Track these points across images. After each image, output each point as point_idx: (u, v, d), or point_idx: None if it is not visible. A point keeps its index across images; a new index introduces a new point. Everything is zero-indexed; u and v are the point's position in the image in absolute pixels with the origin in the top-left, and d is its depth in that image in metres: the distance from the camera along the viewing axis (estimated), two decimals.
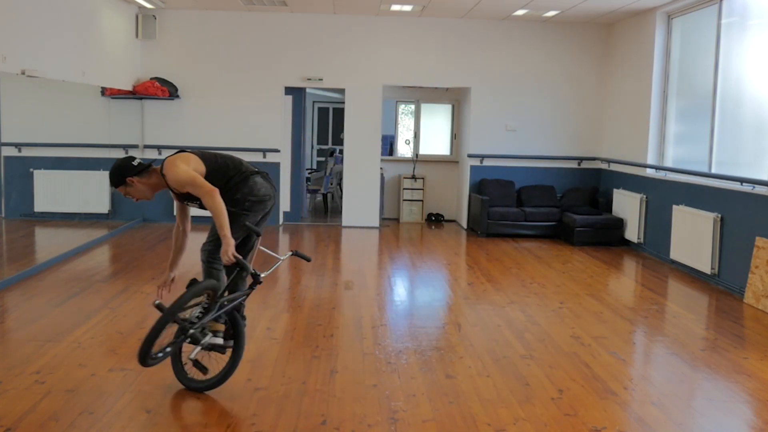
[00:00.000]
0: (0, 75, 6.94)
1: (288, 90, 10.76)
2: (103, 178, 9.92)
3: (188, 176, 3.85)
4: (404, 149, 12.27)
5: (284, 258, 4.27)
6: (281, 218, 10.83)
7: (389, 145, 12.35)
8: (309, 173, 13.37)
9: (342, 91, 11.28)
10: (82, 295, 6.26)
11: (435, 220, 11.79)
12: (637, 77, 9.59)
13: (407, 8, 9.83)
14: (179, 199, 4.10)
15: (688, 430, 3.86)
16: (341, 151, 11.71)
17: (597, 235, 9.67)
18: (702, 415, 4.07)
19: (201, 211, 4.10)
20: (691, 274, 7.81)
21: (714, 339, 5.50)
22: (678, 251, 8.12)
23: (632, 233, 9.42)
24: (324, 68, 10.59)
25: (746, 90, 7.50)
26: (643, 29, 9.45)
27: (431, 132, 12.03)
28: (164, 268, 4.85)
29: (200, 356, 4.10)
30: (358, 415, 3.84)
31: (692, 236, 7.77)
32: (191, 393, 4.10)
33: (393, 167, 11.89)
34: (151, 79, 10.15)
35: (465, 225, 11.00)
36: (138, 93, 10.04)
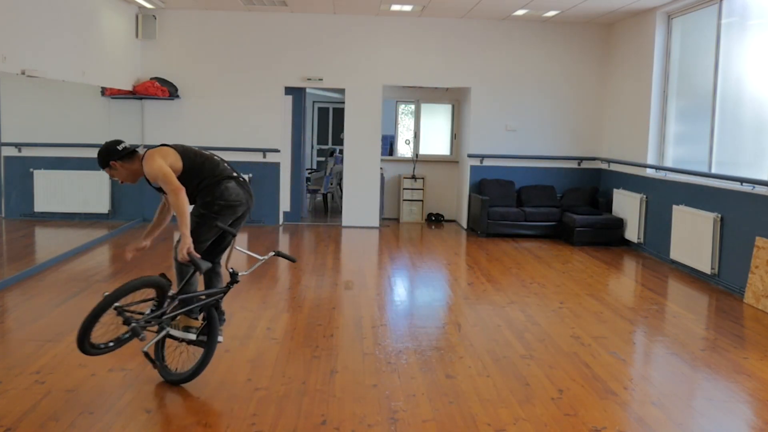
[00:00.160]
0: (0, 75, 6.94)
1: (288, 90, 10.76)
2: (103, 178, 9.93)
3: (160, 171, 3.98)
4: (404, 149, 12.27)
5: (264, 258, 4.28)
6: (281, 218, 10.83)
7: (389, 145, 12.35)
8: (309, 173, 13.37)
9: (342, 91, 11.28)
10: (82, 295, 6.25)
11: (435, 220, 11.79)
12: (637, 77, 9.59)
13: (407, 8, 9.83)
14: (154, 188, 4.21)
15: (688, 430, 3.86)
16: (341, 151, 11.71)
17: (597, 235, 9.67)
18: (702, 415, 4.07)
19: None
20: (691, 274, 7.81)
21: (714, 339, 5.50)
22: (678, 251, 8.12)
23: (632, 233, 9.42)
24: (324, 68, 10.59)
25: (746, 90, 7.50)
26: (643, 29, 9.45)
27: (431, 132, 12.03)
28: (165, 267, 4.87)
29: (180, 351, 4.28)
30: (358, 415, 3.84)
31: (692, 236, 7.77)
32: (191, 393, 4.10)
33: (393, 167, 11.89)
34: (151, 79, 10.15)
35: (465, 225, 11.00)
36: (138, 93, 10.04)
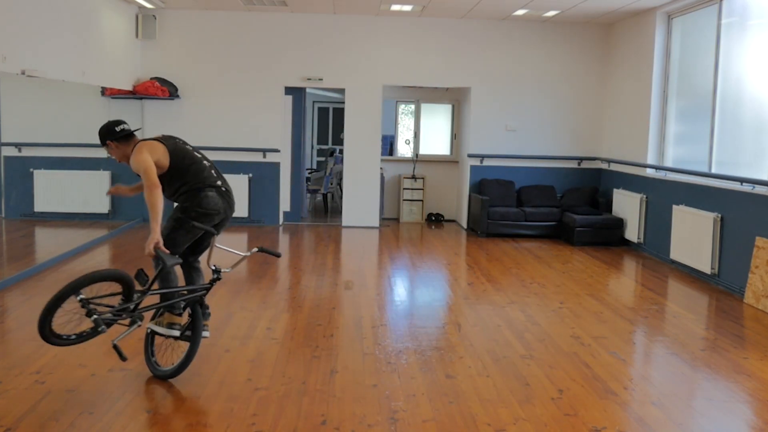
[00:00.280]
0: (0, 75, 6.94)
1: (288, 90, 10.76)
2: (103, 178, 9.93)
3: (143, 166, 4.07)
4: (404, 149, 12.27)
5: (247, 255, 4.30)
6: (281, 218, 10.83)
7: (389, 145, 12.35)
8: (309, 173, 13.37)
9: (342, 91, 11.28)
10: None
11: (435, 220, 11.79)
12: (637, 77, 9.59)
13: (407, 8, 9.83)
14: (136, 175, 4.27)
15: (688, 430, 3.86)
16: (341, 151, 11.71)
17: (597, 235, 9.67)
18: (702, 415, 4.07)
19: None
20: (691, 274, 7.81)
21: (714, 339, 5.50)
22: (678, 251, 8.12)
23: (632, 233, 9.42)
24: (324, 68, 10.59)
25: (746, 90, 7.50)
26: (643, 29, 9.45)
27: (431, 132, 12.03)
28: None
29: (165, 346, 4.41)
30: (358, 415, 3.84)
31: (692, 236, 7.77)
32: (191, 393, 4.10)
33: (393, 167, 11.89)
34: (151, 79, 10.15)
35: (465, 225, 11.00)
36: (138, 93, 10.04)
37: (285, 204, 10.99)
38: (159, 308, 4.29)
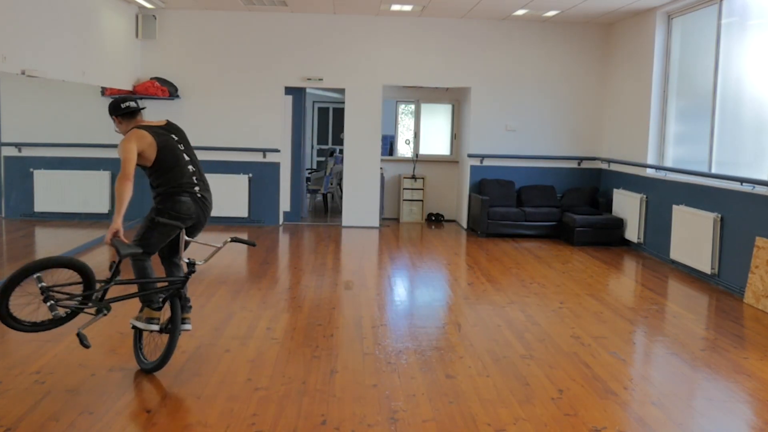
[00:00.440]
0: (0, 75, 6.94)
1: (288, 90, 10.76)
2: (103, 178, 9.93)
3: (124, 155, 4.16)
4: (404, 149, 12.27)
5: (220, 246, 4.35)
6: (281, 218, 10.83)
7: (389, 145, 12.35)
8: (309, 173, 13.37)
9: (342, 91, 11.28)
10: None
11: (435, 220, 11.79)
12: (637, 77, 9.59)
13: (407, 8, 9.83)
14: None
15: (688, 430, 3.86)
16: (341, 151, 11.71)
17: (597, 235, 9.67)
18: (702, 415, 4.07)
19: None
20: (691, 274, 7.81)
21: (714, 339, 5.50)
22: (678, 251, 8.12)
23: (632, 233, 9.42)
24: (324, 68, 10.59)
25: (746, 90, 7.49)
26: (643, 29, 9.45)
27: (431, 132, 12.02)
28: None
29: (152, 341, 4.47)
30: (358, 415, 3.84)
31: (692, 236, 7.77)
32: (191, 393, 4.10)
33: (393, 167, 11.89)
34: (151, 79, 10.15)
35: (465, 225, 11.00)
36: (138, 93, 10.03)
37: (285, 204, 10.99)
38: (141, 300, 4.39)
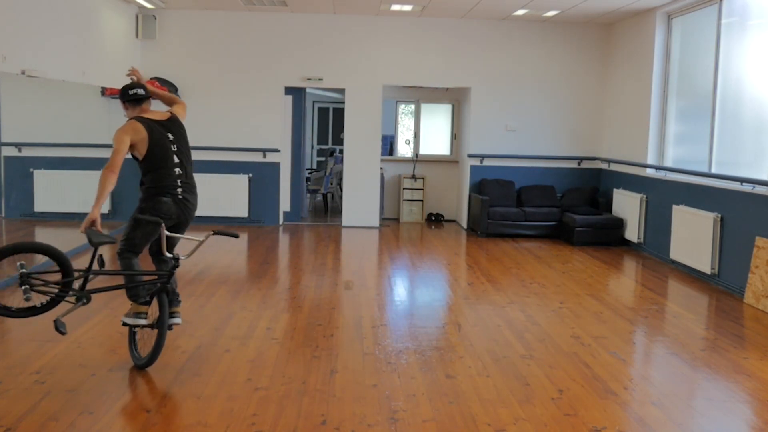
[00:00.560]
0: (0, 75, 6.94)
1: (288, 90, 10.76)
2: None
3: (115, 143, 4.28)
4: (404, 149, 12.27)
5: (203, 240, 4.39)
6: (281, 218, 10.83)
7: (389, 145, 12.35)
8: (309, 173, 13.37)
9: (342, 91, 11.29)
10: None
11: (435, 220, 11.79)
12: (637, 77, 9.59)
13: (407, 8, 9.83)
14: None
15: (688, 430, 3.86)
16: (341, 151, 11.71)
17: (597, 235, 9.67)
18: (702, 415, 4.07)
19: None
20: (691, 274, 7.81)
21: (714, 339, 5.50)
22: (678, 251, 8.12)
23: (632, 233, 9.42)
24: (324, 68, 10.59)
25: (746, 90, 7.49)
26: (643, 29, 9.45)
27: (431, 132, 12.02)
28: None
29: (146, 337, 4.52)
30: (358, 415, 3.84)
31: (692, 236, 7.77)
32: (191, 393, 4.10)
33: (393, 167, 11.89)
34: (151, 79, 10.14)
35: (465, 225, 11.00)
36: None
37: (285, 204, 10.99)
38: (127, 295, 4.50)
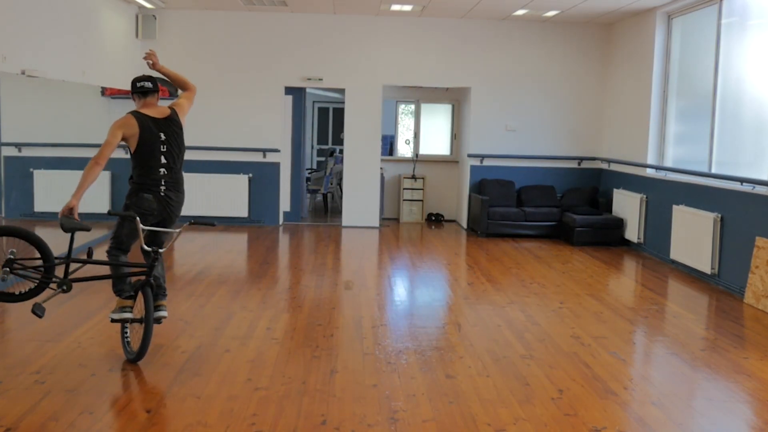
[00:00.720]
0: (0, 75, 6.95)
1: (288, 90, 10.76)
2: (104, 178, 9.91)
3: (107, 138, 4.44)
4: (404, 149, 12.27)
5: (179, 231, 4.57)
6: (281, 218, 10.83)
7: (389, 145, 12.35)
8: (309, 173, 13.37)
9: (342, 91, 11.28)
10: (82, 295, 6.25)
11: (435, 220, 11.79)
12: (637, 77, 9.59)
13: (407, 8, 9.83)
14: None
15: (688, 430, 3.86)
16: (341, 151, 11.71)
17: (597, 235, 9.66)
18: (702, 415, 4.07)
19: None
20: (691, 274, 7.81)
21: (714, 339, 5.50)
22: (678, 251, 8.12)
23: (632, 233, 9.42)
24: (324, 68, 10.59)
25: (746, 90, 7.49)
26: (643, 29, 9.45)
27: (431, 132, 12.02)
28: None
29: (131, 331, 4.62)
30: (358, 415, 3.84)
31: (692, 236, 7.77)
32: (191, 393, 4.10)
33: (393, 167, 11.89)
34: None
35: (465, 225, 11.00)
36: None
37: (285, 204, 10.99)
38: (113, 290, 4.63)
